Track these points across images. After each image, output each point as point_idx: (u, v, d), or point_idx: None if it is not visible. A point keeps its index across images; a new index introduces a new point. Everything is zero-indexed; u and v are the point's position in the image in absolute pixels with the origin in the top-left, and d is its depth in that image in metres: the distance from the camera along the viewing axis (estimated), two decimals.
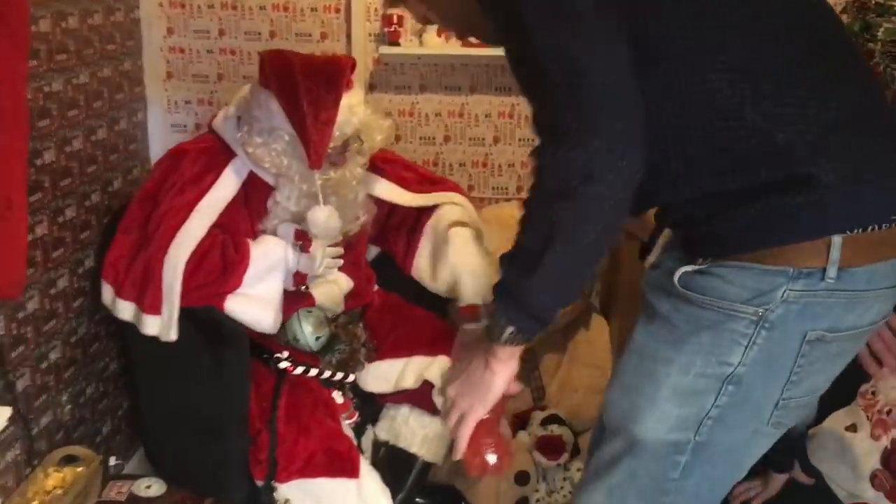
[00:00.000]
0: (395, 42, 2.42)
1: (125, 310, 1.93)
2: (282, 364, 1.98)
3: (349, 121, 1.94)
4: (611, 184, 1.01)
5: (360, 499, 1.86)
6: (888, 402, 1.62)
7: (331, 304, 2.11)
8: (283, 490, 1.87)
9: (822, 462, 1.70)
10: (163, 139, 2.46)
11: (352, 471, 1.87)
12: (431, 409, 2.07)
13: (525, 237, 1.09)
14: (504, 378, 1.20)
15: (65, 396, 2.01)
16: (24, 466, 1.84)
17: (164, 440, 2.05)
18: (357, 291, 2.20)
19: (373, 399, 2.15)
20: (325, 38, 2.47)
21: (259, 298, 1.95)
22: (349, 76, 1.97)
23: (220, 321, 1.93)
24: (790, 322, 1.09)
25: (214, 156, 2.00)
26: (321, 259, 2.00)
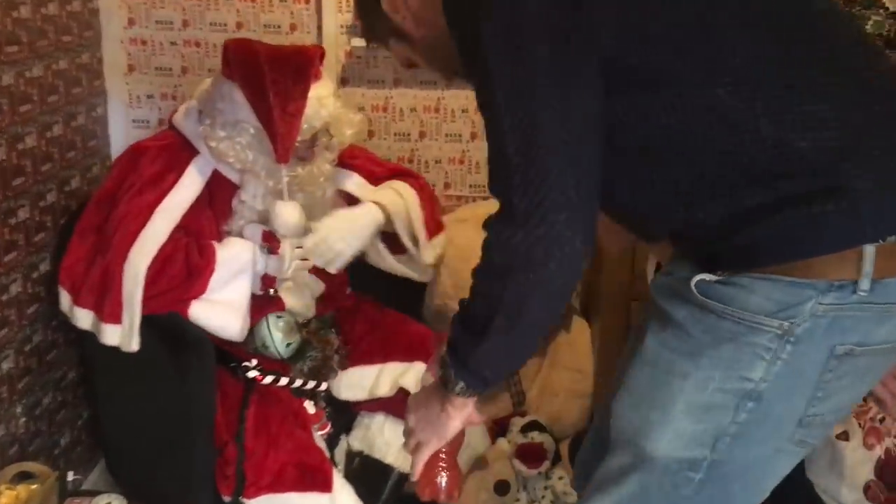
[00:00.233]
0: None
1: (83, 318, 1.85)
2: (250, 373, 1.90)
3: (318, 113, 1.87)
4: (552, 273, 1.00)
5: None
6: (881, 410, 1.56)
7: (301, 309, 2.04)
8: None
9: (813, 473, 1.65)
10: (124, 135, 2.36)
11: (324, 484, 1.81)
12: None
13: (472, 306, 1.10)
14: (459, 420, 1.21)
15: (19, 408, 1.91)
16: None
17: (126, 453, 1.97)
18: (329, 294, 2.12)
19: (346, 407, 2.08)
20: (295, 30, 2.39)
21: (225, 304, 1.87)
22: (318, 66, 1.90)
23: (184, 328, 1.85)
24: (818, 336, 1.02)
25: (176, 153, 1.92)
26: (290, 260, 1.92)
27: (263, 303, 1.95)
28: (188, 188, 1.89)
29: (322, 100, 1.88)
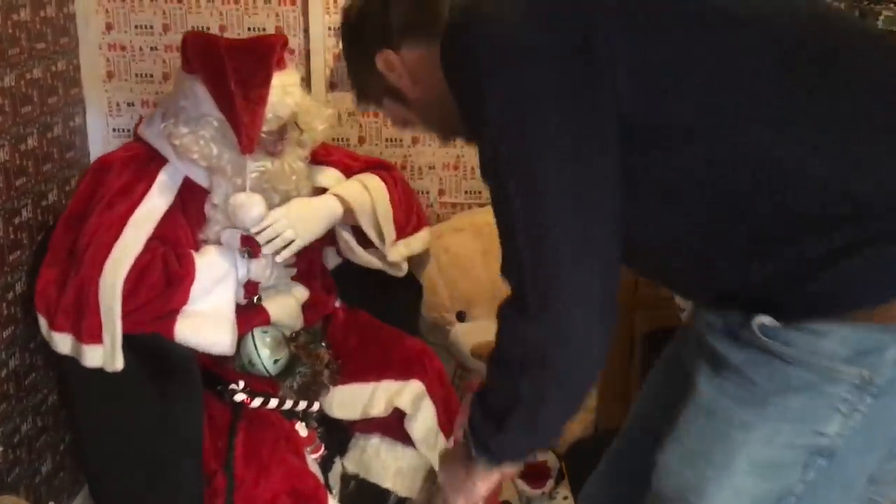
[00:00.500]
0: None
1: (62, 342, 1.76)
2: (237, 396, 1.81)
3: (283, 101, 1.78)
4: (568, 369, 0.97)
5: None
6: None
7: (288, 319, 1.95)
8: None
9: None
10: (104, 145, 2.26)
11: None
12: (404, 440, 1.91)
13: (491, 393, 1.06)
14: (486, 485, 1.17)
15: None
16: None
17: (110, 482, 1.86)
18: (314, 301, 2.03)
19: (339, 426, 1.98)
20: (281, 33, 2.29)
21: (211, 316, 1.79)
22: (280, 53, 1.82)
23: (167, 349, 1.76)
24: None
25: (143, 163, 1.84)
26: (272, 267, 1.86)
27: (248, 314, 1.87)
28: (159, 197, 1.81)
29: (287, 87, 1.80)
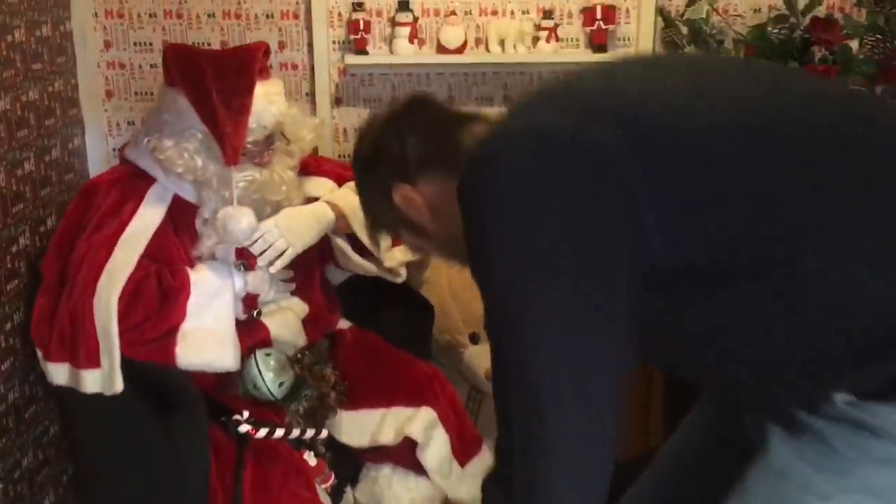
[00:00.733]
0: (363, 50, 2.21)
1: (57, 373, 1.72)
2: (241, 427, 1.74)
3: (267, 110, 1.74)
4: None
5: None
6: None
7: (289, 335, 1.90)
8: None
9: None
10: (104, 166, 2.20)
11: None
12: (416, 469, 1.85)
13: None
14: None
15: None
16: None
17: None
18: (315, 315, 1.98)
19: (349, 452, 1.92)
20: (284, 48, 2.25)
21: (211, 332, 1.75)
22: (263, 62, 1.79)
23: (166, 380, 1.71)
24: None
25: (131, 184, 1.81)
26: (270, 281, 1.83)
27: (248, 330, 1.82)
28: (149, 215, 1.77)
29: (271, 96, 1.76)
